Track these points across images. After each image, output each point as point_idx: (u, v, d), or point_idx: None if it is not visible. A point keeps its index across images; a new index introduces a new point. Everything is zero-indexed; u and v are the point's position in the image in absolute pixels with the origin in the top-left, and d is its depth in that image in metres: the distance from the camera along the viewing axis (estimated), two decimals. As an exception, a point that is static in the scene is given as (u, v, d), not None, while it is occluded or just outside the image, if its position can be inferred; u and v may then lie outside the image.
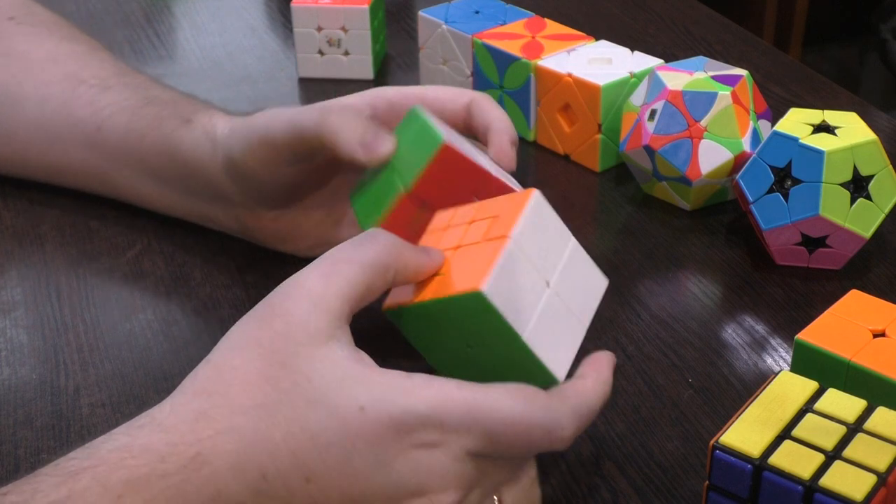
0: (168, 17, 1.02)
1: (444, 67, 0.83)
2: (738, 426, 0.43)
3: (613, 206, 0.72)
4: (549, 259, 0.48)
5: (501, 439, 0.42)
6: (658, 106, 0.68)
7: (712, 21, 0.99)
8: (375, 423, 0.41)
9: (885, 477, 0.41)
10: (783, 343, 0.59)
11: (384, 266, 0.45)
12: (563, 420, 0.43)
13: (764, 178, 0.63)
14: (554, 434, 0.43)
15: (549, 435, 0.43)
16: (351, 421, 0.41)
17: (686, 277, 0.64)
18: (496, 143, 0.58)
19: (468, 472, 0.42)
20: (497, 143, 0.58)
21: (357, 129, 0.54)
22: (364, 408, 0.41)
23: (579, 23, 0.85)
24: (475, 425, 0.42)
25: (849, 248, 0.63)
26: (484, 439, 0.42)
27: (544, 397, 0.43)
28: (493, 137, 0.59)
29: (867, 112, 0.80)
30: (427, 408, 0.41)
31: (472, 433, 0.42)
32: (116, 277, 0.64)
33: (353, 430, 0.41)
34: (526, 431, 0.42)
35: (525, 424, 0.42)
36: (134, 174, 0.66)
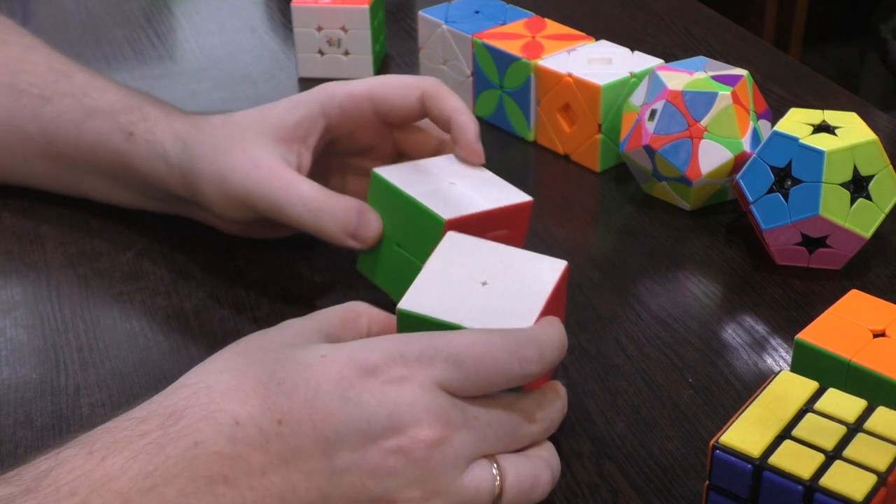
0: (168, 17, 1.02)
1: (444, 67, 0.83)
2: (739, 426, 0.43)
3: (613, 206, 0.72)
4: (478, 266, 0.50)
5: (467, 364, 0.44)
6: (658, 106, 0.68)
7: (712, 21, 0.99)
8: (336, 363, 0.43)
9: (886, 477, 0.41)
10: (783, 343, 0.59)
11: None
12: (522, 341, 0.45)
13: (764, 178, 0.63)
14: (520, 355, 0.45)
15: (514, 356, 0.44)
16: (314, 365, 0.43)
17: (686, 277, 0.64)
18: (462, 142, 0.59)
19: (441, 404, 0.43)
20: (463, 141, 0.59)
21: (341, 220, 0.56)
22: (325, 355, 0.44)
23: (579, 23, 0.85)
24: (437, 354, 0.44)
25: (849, 248, 0.63)
26: (449, 366, 0.44)
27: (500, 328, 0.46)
28: (459, 136, 0.59)
29: (867, 112, 0.80)
30: (386, 346, 0.44)
31: (436, 362, 0.44)
32: (116, 277, 0.64)
33: (316, 372, 0.43)
34: (488, 353, 0.44)
35: (485, 345, 0.44)
36: (96, 180, 0.67)
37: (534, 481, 0.46)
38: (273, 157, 0.59)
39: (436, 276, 0.50)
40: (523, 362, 0.45)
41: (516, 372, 0.45)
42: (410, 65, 0.90)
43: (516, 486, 0.45)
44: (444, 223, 0.53)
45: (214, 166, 0.59)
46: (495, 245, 0.52)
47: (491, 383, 0.45)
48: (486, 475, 0.44)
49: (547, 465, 0.47)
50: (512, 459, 0.45)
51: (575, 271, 0.65)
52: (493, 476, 0.45)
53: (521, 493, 0.45)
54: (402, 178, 0.56)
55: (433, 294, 0.49)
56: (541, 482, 0.46)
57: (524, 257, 0.51)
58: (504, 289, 0.49)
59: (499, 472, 0.45)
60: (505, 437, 0.45)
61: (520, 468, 0.45)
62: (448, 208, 0.54)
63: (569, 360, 0.57)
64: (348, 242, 0.57)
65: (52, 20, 1.00)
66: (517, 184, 0.74)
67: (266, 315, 0.61)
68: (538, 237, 0.68)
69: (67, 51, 0.83)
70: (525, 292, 0.49)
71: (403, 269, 0.56)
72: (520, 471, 0.45)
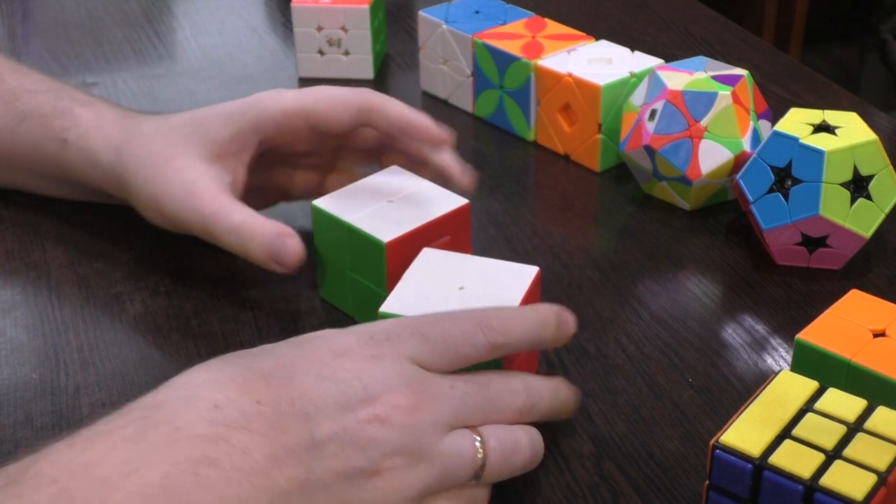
0: (168, 17, 1.02)
1: (444, 67, 0.83)
2: (739, 426, 0.43)
3: (613, 206, 0.72)
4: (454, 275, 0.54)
5: (434, 336, 0.46)
6: (658, 106, 0.68)
7: (712, 21, 0.99)
8: (310, 348, 0.45)
9: (886, 476, 0.41)
10: (783, 343, 0.59)
11: None
12: (488, 313, 0.47)
13: (764, 178, 0.63)
14: (484, 325, 0.46)
15: (478, 327, 0.46)
16: (289, 353, 0.45)
17: (686, 277, 0.64)
18: (427, 137, 0.60)
19: (414, 374, 0.45)
20: (427, 136, 0.60)
21: (264, 244, 0.57)
22: (298, 342, 0.46)
23: (579, 23, 0.85)
24: (404, 330, 0.46)
25: (849, 247, 0.63)
26: (418, 340, 0.45)
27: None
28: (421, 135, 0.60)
29: (867, 112, 0.80)
30: (358, 330, 0.46)
31: (405, 338, 0.45)
32: (117, 277, 0.64)
33: (292, 358, 0.44)
34: (453, 325, 0.46)
35: (450, 318, 0.46)
36: (36, 180, 0.68)
37: (514, 445, 0.46)
38: (207, 180, 0.59)
39: (415, 284, 0.53)
40: (487, 332, 0.46)
41: (481, 341, 0.46)
42: (410, 65, 0.90)
43: (499, 451, 0.45)
44: (384, 246, 0.55)
45: (149, 188, 0.61)
46: (470, 257, 0.55)
47: (459, 353, 0.46)
48: (468, 441, 0.45)
49: (526, 433, 0.47)
50: (492, 428, 0.46)
51: (575, 271, 0.65)
52: (475, 441, 0.45)
53: (504, 458, 0.46)
54: (340, 206, 0.58)
55: (413, 299, 0.52)
56: (521, 446, 0.47)
57: (498, 265, 0.54)
58: (480, 293, 0.52)
59: (480, 439, 0.45)
60: (484, 406, 0.46)
61: (500, 434, 0.46)
62: (387, 230, 0.56)
63: (569, 359, 0.57)
64: (272, 266, 0.58)
65: (52, 20, 1.00)
66: (517, 184, 0.75)
67: (266, 315, 0.61)
68: (538, 237, 0.68)
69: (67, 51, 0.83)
70: (500, 296, 0.52)
71: (361, 292, 0.58)
72: (500, 436, 0.46)
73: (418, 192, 0.59)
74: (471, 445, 0.45)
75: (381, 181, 0.60)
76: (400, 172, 0.61)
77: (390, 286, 0.54)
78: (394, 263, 0.55)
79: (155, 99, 0.86)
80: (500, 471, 0.46)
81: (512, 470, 0.47)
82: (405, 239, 0.56)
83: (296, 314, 0.61)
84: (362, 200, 0.58)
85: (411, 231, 0.56)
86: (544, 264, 0.64)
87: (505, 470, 0.46)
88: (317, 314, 0.61)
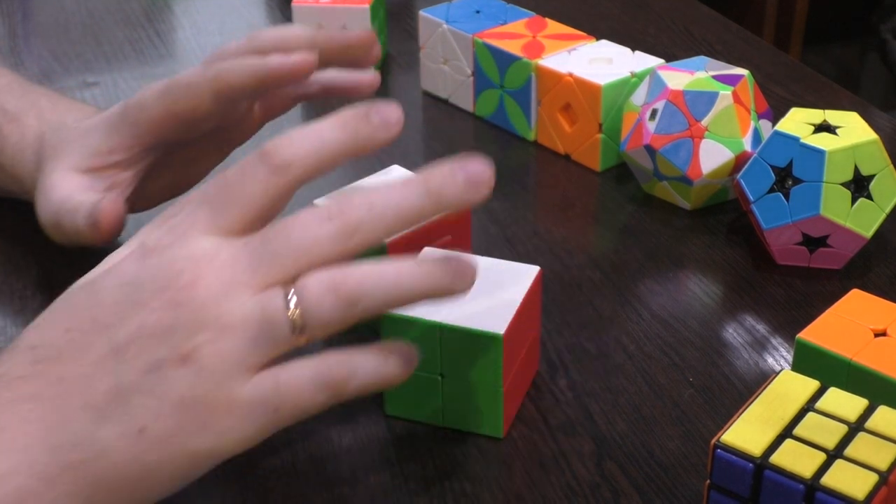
0: (169, 17, 1.02)
1: (444, 67, 0.83)
2: (740, 425, 0.43)
3: (614, 206, 0.72)
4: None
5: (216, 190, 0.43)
6: (659, 105, 0.68)
7: (713, 21, 0.99)
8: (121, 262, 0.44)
9: (887, 476, 0.41)
10: (784, 343, 0.59)
11: None
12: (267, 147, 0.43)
13: (765, 178, 0.63)
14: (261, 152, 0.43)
15: (257, 154, 0.43)
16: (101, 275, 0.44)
17: (687, 277, 0.64)
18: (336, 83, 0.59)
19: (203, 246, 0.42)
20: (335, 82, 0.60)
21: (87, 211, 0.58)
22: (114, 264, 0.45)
23: (580, 22, 0.85)
24: (192, 203, 0.44)
25: (849, 247, 0.63)
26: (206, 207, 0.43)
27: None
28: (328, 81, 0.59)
29: (867, 112, 0.80)
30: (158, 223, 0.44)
31: (191, 212, 0.43)
32: (117, 277, 0.64)
33: (101, 278, 0.44)
34: (234, 167, 0.43)
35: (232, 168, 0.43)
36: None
37: (343, 278, 0.42)
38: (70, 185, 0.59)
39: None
40: (266, 157, 0.43)
41: (261, 170, 0.43)
42: (411, 64, 0.90)
43: (319, 294, 0.41)
44: (385, 247, 0.55)
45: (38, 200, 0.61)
46: (471, 256, 0.54)
47: (246, 193, 0.43)
48: (274, 296, 0.41)
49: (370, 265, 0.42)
50: (313, 273, 0.42)
51: (575, 271, 0.65)
52: (283, 296, 0.41)
53: (332, 297, 0.41)
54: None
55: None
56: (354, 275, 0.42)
57: (499, 265, 0.54)
58: (481, 292, 0.51)
59: (295, 293, 0.41)
60: (287, 252, 0.42)
61: (320, 275, 0.42)
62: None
63: (569, 359, 0.57)
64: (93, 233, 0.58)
65: (52, 20, 1.00)
66: (518, 183, 0.75)
67: (267, 314, 0.61)
68: (538, 237, 0.68)
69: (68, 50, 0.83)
70: (501, 295, 0.51)
71: None
72: (320, 277, 0.42)
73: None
74: (277, 300, 0.41)
75: (381, 181, 0.60)
76: (401, 172, 0.61)
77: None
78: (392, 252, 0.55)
79: (155, 98, 0.86)
80: (332, 312, 0.41)
81: (357, 302, 0.42)
82: (406, 239, 0.56)
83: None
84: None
85: (412, 231, 0.56)
86: (545, 264, 0.64)
87: (339, 307, 0.42)
88: (317, 314, 0.61)
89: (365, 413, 0.54)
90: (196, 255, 0.42)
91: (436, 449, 0.52)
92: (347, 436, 0.52)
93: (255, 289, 0.42)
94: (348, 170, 0.74)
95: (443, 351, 0.50)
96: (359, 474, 0.50)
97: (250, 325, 0.41)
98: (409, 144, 0.79)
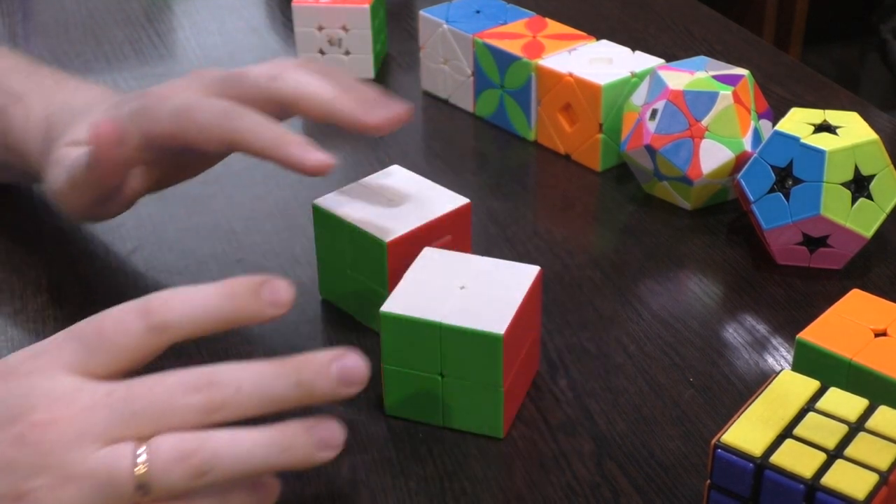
0: (168, 17, 1.02)
1: (444, 67, 0.83)
2: (740, 425, 0.43)
3: (614, 206, 0.72)
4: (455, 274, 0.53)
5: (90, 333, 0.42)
6: (659, 105, 0.68)
7: (713, 21, 0.99)
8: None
9: (887, 476, 0.41)
10: (784, 343, 0.59)
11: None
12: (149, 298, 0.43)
13: (765, 178, 0.63)
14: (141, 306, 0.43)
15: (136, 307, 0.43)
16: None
17: (687, 277, 0.64)
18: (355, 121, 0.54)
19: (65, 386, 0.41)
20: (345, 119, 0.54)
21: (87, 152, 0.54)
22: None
23: (580, 22, 0.85)
24: (63, 338, 0.43)
25: (850, 247, 0.63)
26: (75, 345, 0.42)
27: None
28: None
29: (867, 112, 0.80)
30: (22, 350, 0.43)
31: (60, 346, 0.42)
32: (117, 276, 0.64)
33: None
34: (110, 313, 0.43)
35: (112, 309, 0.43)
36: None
37: (198, 447, 0.41)
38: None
39: (416, 284, 0.52)
40: (145, 315, 0.43)
41: (137, 326, 0.42)
42: (411, 64, 0.90)
43: (170, 459, 0.40)
44: (386, 245, 0.55)
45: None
46: (471, 256, 0.55)
47: (118, 345, 0.42)
48: (123, 453, 0.40)
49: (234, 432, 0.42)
50: (169, 436, 0.41)
51: (576, 271, 0.65)
52: (132, 454, 0.40)
53: (183, 465, 0.41)
54: (341, 206, 0.58)
55: (414, 298, 0.51)
56: (213, 447, 0.41)
57: (499, 265, 0.54)
58: (481, 292, 0.52)
59: (147, 451, 0.41)
60: (150, 411, 0.41)
61: (177, 440, 0.41)
62: (388, 229, 0.56)
63: (570, 359, 0.57)
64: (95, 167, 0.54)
65: (52, 20, 1.00)
66: (518, 183, 0.75)
67: (267, 314, 0.61)
68: (539, 237, 0.68)
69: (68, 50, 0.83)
70: (501, 295, 0.51)
71: (362, 292, 0.58)
72: (176, 442, 0.41)
73: (419, 192, 0.59)
74: (126, 458, 0.40)
75: (381, 181, 0.60)
76: (401, 172, 0.61)
77: (391, 286, 0.54)
78: (395, 263, 0.56)
79: (155, 98, 0.86)
80: (179, 479, 0.41)
81: (206, 474, 0.41)
82: (406, 238, 0.56)
83: (296, 314, 0.61)
84: (363, 200, 0.58)
85: (412, 230, 0.56)
86: (545, 264, 0.64)
87: (187, 476, 0.41)
88: (317, 314, 0.61)
89: (365, 413, 0.54)
90: (54, 394, 0.41)
91: (436, 449, 0.52)
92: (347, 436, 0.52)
93: (106, 441, 0.41)
94: (348, 170, 0.75)
95: (443, 351, 0.50)
96: (359, 474, 0.50)
97: (94, 479, 0.40)
98: (409, 144, 0.79)
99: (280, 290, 0.44)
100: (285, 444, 0.42)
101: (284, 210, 0.70)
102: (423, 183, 0.60)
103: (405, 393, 0.52)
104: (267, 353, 0.58)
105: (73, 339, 0.43)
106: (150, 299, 0.43)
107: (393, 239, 0.55)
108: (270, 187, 0.73)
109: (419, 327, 0.50)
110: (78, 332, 0.43)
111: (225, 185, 0.73)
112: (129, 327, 0.43)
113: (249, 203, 0.71)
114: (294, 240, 0.67)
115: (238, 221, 0.69)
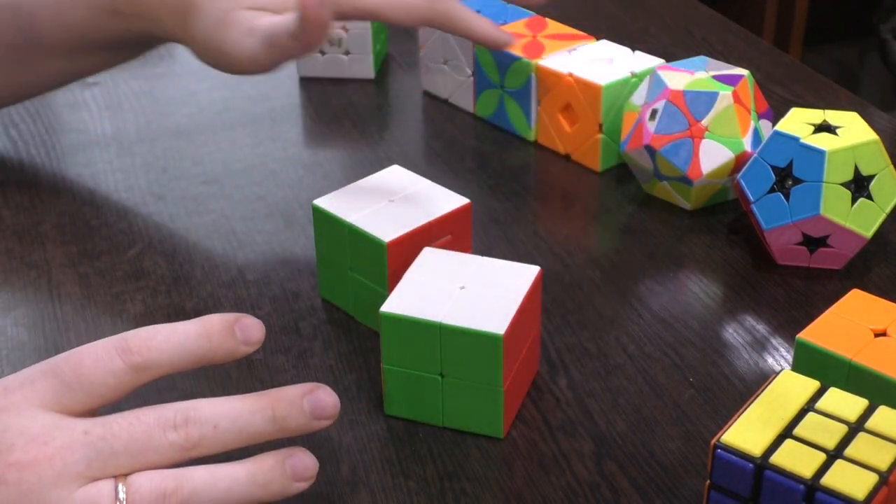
0: (168, 17, 1.01)
1: (444, 67, 0.83)
2: (740, 425, 0.43)
3: (614, 206, 0.72)
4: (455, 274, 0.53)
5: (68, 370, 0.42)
6: (659, 105, 0.68)
7: (713, 21, 0.99)
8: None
9: (887, 476, 0.41)
10: (784, 343, 0.59)
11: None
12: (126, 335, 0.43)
13: (765, 178, 0.63)
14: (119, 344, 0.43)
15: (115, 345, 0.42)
16: None
17: (687, 277, 0.64)
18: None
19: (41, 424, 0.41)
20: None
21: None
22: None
23: (580, 22, 0.85)
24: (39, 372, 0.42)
25: (850, 247, 0.63)
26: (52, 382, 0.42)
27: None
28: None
29: (867, 112, 0.80)
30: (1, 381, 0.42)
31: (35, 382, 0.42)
32: (117, 277, 0.64)
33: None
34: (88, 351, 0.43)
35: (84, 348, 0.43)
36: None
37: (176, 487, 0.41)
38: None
39: (416, 284, 0.53)
40: (124, 353, 0.42)
41: (118, 365, 0.42)
42: (411, 64, 0.90)
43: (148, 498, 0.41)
44: (385, 245, 0.55)
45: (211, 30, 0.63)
46: (471, 256, 0.55)
47: (97, 383, 0.42)
48: (104, 491, 0.41)
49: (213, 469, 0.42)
50: (148, 475, 0.41)
51: (576, 271, 0.65)
52: (112, 493, 0.41)
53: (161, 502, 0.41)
54: (340, 206, 0.58)
55: (413, 298, 0.51)
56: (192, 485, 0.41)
57: (499, 265, 0.54)
58: (481, 293, 0.52)
59: (126, 489, 0.41)
60: (128, 449, 0.41)
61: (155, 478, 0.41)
62: (388, 229, 0.56)
63: (570, 359, 0.57)
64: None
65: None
66: (518, 183, 0.75)
67: (266, 315, 0.61)
68: (539, 237, 0.68)
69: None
70: (501, 296, 0.52)
71: (362, 292, 0.59)
72: (155, 480, 0.41)
73: (419, 192, 0.59)
74: (106, 497, 0.40)
75: (381, 181, 0.61)
76: (401, 172, 0.61)
77: (391, 286, 0.54)
78: (395, 263, 0.56)
79: (155, 99, 0.86)
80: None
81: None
82: (406, 238, 0.56)
83: (296, 314, 0.61)
84: (363, 200, 0.58)
85: (412, 230, 0.56)
86: (545, 264, 0.64)
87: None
88: (317, 314, 0.61)
89: (365, 413, 0.54)
90: (31, 433, 0.41)
91: (436, 449, 0.52)
92: (347, 436, 0.52)
93: (86, 480, 0.41)
94: (348, 170, 0.75)
95: (443, 351, 0.50)
96: (359, 474, 0.50)
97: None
98: (409, 144, 0.79)
99: (251, 329, 0.45)
100: (263, 480, 0.43)
101: (284, 210, 0.70)
102: (423, 183, 0.60)
103: (405, 393, 0.52)
104: (268, 353, 0.58)
105: (49, 376, 0.42)
106: (129, 337, 0.43)
107: (393, 239, 0.56)
108: (270, 187, 0.73)
109: (419, 327, 0.50)
110: (55, 368, 0.42)
111: (225, 185, 0.73)
112: (108, 366, 0.42)
113: (249, 203, 0.71)
114: (294, 240, 0.67)
115: (238, 221, 0.69)
